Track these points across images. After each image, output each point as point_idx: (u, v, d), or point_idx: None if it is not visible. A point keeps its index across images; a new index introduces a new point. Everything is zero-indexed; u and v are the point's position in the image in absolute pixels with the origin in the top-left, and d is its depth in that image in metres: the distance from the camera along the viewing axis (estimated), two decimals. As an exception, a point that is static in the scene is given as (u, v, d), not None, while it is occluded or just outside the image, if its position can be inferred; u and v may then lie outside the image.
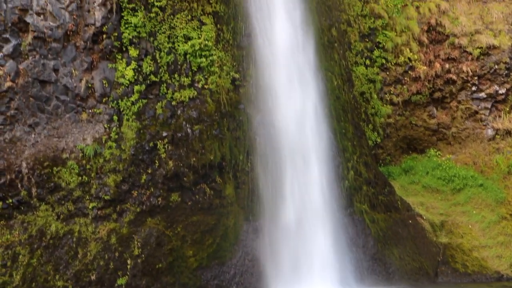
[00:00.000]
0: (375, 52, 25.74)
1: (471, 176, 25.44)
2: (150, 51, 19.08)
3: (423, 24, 26.55)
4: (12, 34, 17.87)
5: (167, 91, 19.17)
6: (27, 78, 17.95)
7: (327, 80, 21.94)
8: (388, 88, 26.13)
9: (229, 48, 20.24)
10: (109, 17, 18.62)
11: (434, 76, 26.33)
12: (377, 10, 25.82)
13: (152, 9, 19.00)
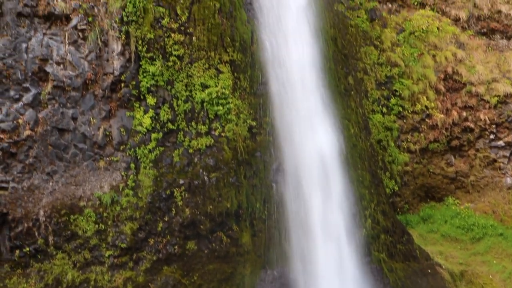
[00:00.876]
0: (392, 100, 25.79)
1: (490, 225, 25.14)
2: (168, 99, 19.23)
3: (439, 73, 26.61)
4: (32, 83, 18.12)
5: (184, 139, 19.25)
6: (46, 127, 18.12)
7: (344, 128, 21.94)
8: (405, 136, 26.08)
9: (246, 96, 20.36)
10: (128, 66, 18.84)
11: (451, 124, 26.26)
12: (393, 59, 25.96)
13: (170, 58, 19.21)
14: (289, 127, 20.66)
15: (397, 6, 27.03)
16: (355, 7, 25.29)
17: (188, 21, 19.52)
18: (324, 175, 20.92)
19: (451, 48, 26.92)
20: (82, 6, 18.57)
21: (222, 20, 19.98)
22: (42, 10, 18.34)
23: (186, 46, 19.40)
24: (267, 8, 21.00)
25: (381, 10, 26.44)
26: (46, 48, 18.32)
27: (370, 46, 25.58)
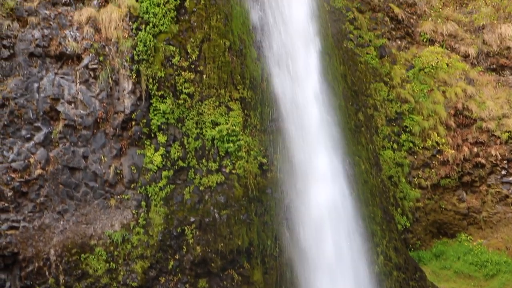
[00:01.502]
0: (402, 136, 25.76)
1: (504, 261, 24.87)
2: (178, 137, 19.29)
3: (450, 108, 26.62)
4: (44, 122, 18.21)
5: (195, 176, 19.25)
6: (57, 165, 18.17)
7: (355, 164, 21.91)
8: (416, 171, 26.00)
9: (256, 133, 20.39)
10: (138, 104, 18.95)
11: (462, 160, 26.19)
12: (403, 95, 26.02)
13: (181, 96, 19.31)
14: (299, 164, 20.64)
15: (406, 43, 27.19)
16: (365, 44, 25.44)
17: (198, 59, 19.68)
18: (335, 212, 20.82)
19: (461, 84, 26.97)
20: (94, 46, 18.75)
21: (232, 58, 20.14)
22: (54, 50, 18.52)
23: (196, 84, 19.53)
24: (277, 46, 21.15)
25: (390, 47, 26.58)
26: (57, 88, 18.45)
27: (380, 83, 25.66)
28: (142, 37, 19.06)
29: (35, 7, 18.67)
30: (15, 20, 18.47)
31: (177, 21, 19.69)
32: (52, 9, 18.85)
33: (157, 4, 19.40)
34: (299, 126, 20.86)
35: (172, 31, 19.51)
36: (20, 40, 18.32)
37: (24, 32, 18.40)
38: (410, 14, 27.27)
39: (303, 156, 20.66)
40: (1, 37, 18.15)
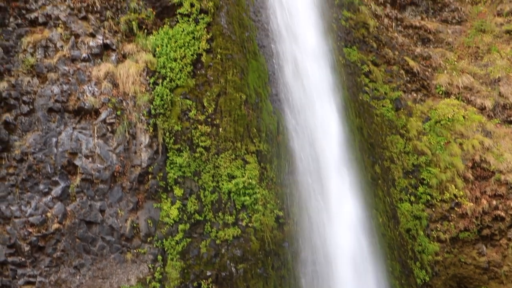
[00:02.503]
0: (419, 188, 25.59)
1: (526, 316, 24.43)
2: (195, 190, 19.31)
3: (467, 161, 26.47)
4: (61, 176, 18.32)
5: (211, 229, 19.20)
6: (74, 220, 18.20)
7: (372, 217, 21.76)
8: (435, 224, 25.73)
9: (272, 186, 20.39)
10: (155, 158, 19.05)
11: (481, 212, 25.88)
12: (420, 147, 25.94)
13: (197, 149, 19.42)
14: (316, 217, 20.54)
15: (422, 95, 27.25)
16: (380, 97, 25.52)
17: (214, 113, 19.84)
18: (353, 265, 20.61)
19: (477, 136, 26.86)
20: (111, 101, 18.97)
21: (248, 111, 20.28)
22: (72, 105, 18.75)
23: (213, 137, 19.64)
24: (293, 99, 21.30)
25: (406, 100, 26.64)
26: (75, 142, 18.61)
27: (396, 135, 25.63)
28: (159, 91, 19.28)
29: (54, 64, 19.00)
30: (35, 76, 18.80)
31: (193, 75, 19.94)
32: (71, 65, 19.17)
33: (174, 59, 19.69)
34: (315, 179, 20.83)
35: (189, 85, 19.74)
36: (39, 95, 18.60)
37: (44, 87, 18.68)
38: (425, 67, 27.41)
39: (320, 209, 20.57)
40: (21, 93, 18.44)
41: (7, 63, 18.69)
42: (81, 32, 19.55)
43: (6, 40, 18.85)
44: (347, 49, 24.70)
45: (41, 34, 19.27)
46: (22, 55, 18.92)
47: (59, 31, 19.39)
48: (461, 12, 29.09)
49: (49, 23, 19.45)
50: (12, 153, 18.09)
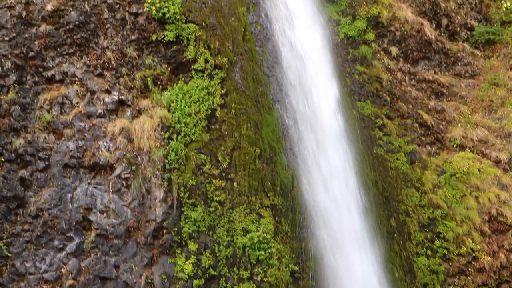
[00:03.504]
0: (436, 242, 25.33)
1: None
2: (209, 245, 19.22)
3: (483, 214, 26.25)
4: (76, 232, 18.32)
5: (226, 285, 19.03)
6: (89, 275, 18.10)
7: (388, 272, 21.52)
8: (452, 279, 25.36)
9: (287, 240, 20.28)
10: (170, 213, 19.04)
11: (499, 267, 25.53)
12: (435, 201, 25.79)
13: (212, 204, 19.40)
14: (331, 271, 20.35)
15: (437, 148, 27.21)
16: (394, 150, 25.52)
17: (229, 167, 19.88)
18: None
19: (493, 189, 26.69)
20: (126, 156, 19.07)
21: (262, 166, 20.32)
22: (87, 161, 18.86)
23: (227, 192, 19.64)
24: (307, 152, 21.35)
25: (420, 153, 26.61)
26: (90, 197, 18.66)
27: (411, 188, 25.53)
28: (173, 146, 19.38)
29: (70, 120, 19.19)
30: (51, 133, 18.98)
31: (208, 130, 20.06)
32: (86, 121, 19.36)
33: (188, 114, 19.85)
34: (330, 232, 20.72)
35: (203, 139, 19.85)
36: (55, 152, 18.74)
37: (60, 144, 18.84)
38: (439, 120, 27.46)
39: (335, 263, 20.39)
40: (37, 149, 18.61)
41: (24, 120, 18.91)
42: (97, 88, 19.80)
43: (23, 98, 19.11)
44: (361, 103, 24.84)
45: (57, 91, 19.53)
46: (38, 112, 19.14)
47: (75, 88, 19.65)
48: (473, 66, 29.25)
49: (65, 80, 19.73)
50: (27, 209, 18.16)
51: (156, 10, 20.14)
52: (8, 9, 19.41)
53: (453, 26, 28.86)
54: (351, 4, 26.18)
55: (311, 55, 23.56)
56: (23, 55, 19.35)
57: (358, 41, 25.79)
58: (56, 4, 19.82)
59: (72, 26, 19.89)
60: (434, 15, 28.25)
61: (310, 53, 23.59)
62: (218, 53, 20.70)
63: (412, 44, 27.33)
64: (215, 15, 21.26)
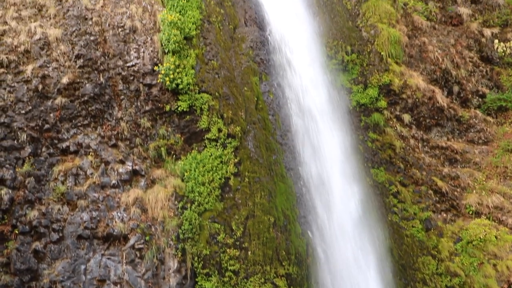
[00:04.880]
0: (456, 312, 24.96)
1: None
2: (224, 317, 19.04)
3: (502, 282, 25.83)
4: (90, 303, 18.21)
5: None
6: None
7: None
8: None
9: (304, 305, 20.09)
10: (184, 283, 18.86)
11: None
12: (452, 268, 25.41)
13: (226, 273, 19.22)
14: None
15: (452, 215, 26.99)
16: (409, 217, 25.30)
17: (243, 236, 19.78)
18: None
19: (511, 257, 26.35)
20: (140, 226, 19.04)
21: (277, 234, 20.19)
22: (101, 232, 18.83)
23: (241, 261, 19.48)
24: (321, 220, 21.28)
25: (436, 220, 26.39)
26: (104, 269, 18.55)
27: (428, 256, 25.20)
28: (187, 216, 19.35)
29: (84, 191, 19.27)
30: (65, 204, 19.05)
31: (221, 199, 20.06)
32: (100, 191, 19.43)
33: (202, 183, 19.89)
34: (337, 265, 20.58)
35: (217, 208, 19.83)
36: (69, 223, 18.76)
37: (74, 215, 18.87)
38: (454, 187, 27.32)
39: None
40: (51, 221, 18.64)
41: (38, 192, 19.01)
42: (111, 159, 19.93)
43: (38, 170, 19.26)
44: (375, 170, 24.80)
45: (72, 163, 19.68)
46: (53, 183, 19.25)
47: (90, 159, 19.79)
48: (486, 133, 29.27)
49: (80, 152, 19.90)
50: (40, 282, 18.08)
51: (170, 81, 20.44)
52: (25, 83, 19.76)
53: (465, 93, 28.99)
54: (363, 72, 26.43)
55: (323, 123, 23.72)
56: (38, 128, 19.59)
57: (370, 109, 25.95)
58: (72, 77, 20.16)
59: (87, 98, 20.20)
60: (445, 82, 28.45)
61: (322, 121, 23.77)
62: (231, 122, 20.89)
63: (424, 111, 27.45)
64: (228, 85, 21.55)
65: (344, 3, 28.09)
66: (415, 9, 28.43)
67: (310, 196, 21.63)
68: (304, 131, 22.82)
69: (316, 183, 21.96)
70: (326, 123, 23.71)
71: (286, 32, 25.10)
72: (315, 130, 23.20)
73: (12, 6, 20.95)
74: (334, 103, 24.77)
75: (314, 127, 23.17)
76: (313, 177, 22.08)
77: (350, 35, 26.91)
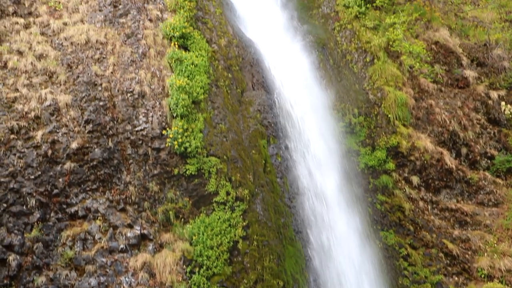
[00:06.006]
0: None
1: None
2: None
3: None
4: None
5: None
6: None
7: None
8: None
9: None
10: None
11: None
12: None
13: None
14: None
15: (464, 279, 26.66)
16: (420, 281, 25.00)
17: (253, 301, 19.61)
18: None
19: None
20: None
21: (286, 298, 20.02)
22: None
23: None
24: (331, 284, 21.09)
25: (447, 283, 26.07)
26: (111, 335, 18.38)
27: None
28: (196, 281, 19.21)
29: (92, 256, 19.19)
30: (73, 269, 18.95)
31: (230, 263, 19.92)
32: (108, 256, 19.32)
33: (210, 246, 19.78)
34: None
35: (226, 273, 19.67)
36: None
37: (81, 280, 18.75)
38: (464, 249, 27.06)
39: None
40: (59, 286, 18.52)
41: (46, 257, 18.93)
42: (119, 223, 19.90)
43: (46, 235, 19.22)
44: (384, 232, 24.65)
45: (80, 227, 19.65)
46: (61, 248, 19.19)
47: (98, 223, 19.76)
48: (496, 195, 29.15)
49: (88, 216, 19.88)
50: None
51: (178, 144, 20.57)
52: (35, 149, 19.90)
53: (473, 155, 28.99)
54: (370, 135, 26.53)
55: (331, 187, 23.74)
56: (47, 193, 19.64)
57: (378, 171, 25.94)
58: (81, 142, 20.31)
59: (96, 162, 20.30)
60: (453, 144, 28.49)
61: (330, 185, 23.80)
62: (239, 186, 20.90)
63: (433, 173, 27.42)
64: (236, 148, 21.65)
65: (350, 67, 28.39)
66: (421, 71, 28.67)
67: (320, 259, 21.44)
68: (312, 193, 22.80)
69: (326, 246, 21.81)
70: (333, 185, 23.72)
71: (293, 95, 25.34)
72: (323, 195, 23.18)
73: (24, 73, 21.25)
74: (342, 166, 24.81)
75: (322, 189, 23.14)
76: (322, 240, 21.94)
77: (357, 97, 27.13)
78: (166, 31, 22.86)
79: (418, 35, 29.37)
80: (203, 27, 24.60)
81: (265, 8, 29.25)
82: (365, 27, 29.09)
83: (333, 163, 24.83)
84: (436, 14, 30.75)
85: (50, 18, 22.55)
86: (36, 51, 21.71)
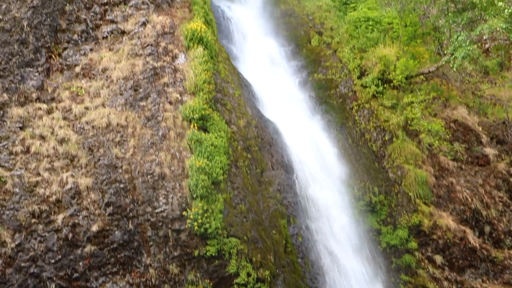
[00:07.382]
0: None
1: None
2: None
3: None
4: None
5: None
6: None
7: None
8: None
9: None
10: None
11: None
12: None
13: None
14: None
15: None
16: None
17: None
18: None
19: None
20: None
21: None
22: None
23: None
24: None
25: None
26: None
27: None
28: None
29: None
30: None
31: None
32: None
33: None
34: None
35: None
36: None
37: None
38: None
39: None
40: None
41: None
42: (140, 307, 19.71)
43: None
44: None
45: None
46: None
47: (119, 308, 19.59)
48: (525, 265, 28.67)
49: (108, 299, 19.74)
50: None
51: (198, 226, 20.50)
52: (55, 232, 19.93)
53: (497, 233, 28.63)
54: (391, 213, 26.35)
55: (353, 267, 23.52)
56: (67, 277, 19.56)
57: (401, 250, 25.64)
58: (101, 225, 20.32)
59: (116, 245, 20.24)
60: (476, 222, 28.18)
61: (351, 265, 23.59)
62: (260, 266, 20.69)
63: (456, 252, 27.04)
64: (256, 229, 21.54)
65: (369, 145, 28.45)
66: (440, 149, 28.65)
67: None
68: (334, 273, 22.54)
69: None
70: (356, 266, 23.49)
71: (313, 175, 25.36)
72: (346, 273, 22.92)
73: (46, 157, 21.47)
74: (363, 245, 24.63)
75: (344, 269, 22.90)
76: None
77: (377, 176, 27.09)
78: (185, 113, 23.09)
79: (436, 113, 29.48)
80: (222, 108, 24.84)
81: (283, 88, 29.60)
82: (383, 106, 29.29)
83: (355, 243, 24.63)
84: (453, 93, 30.98)
85: (72, 103, 22.89)
86: (58, 135, 21.97)
